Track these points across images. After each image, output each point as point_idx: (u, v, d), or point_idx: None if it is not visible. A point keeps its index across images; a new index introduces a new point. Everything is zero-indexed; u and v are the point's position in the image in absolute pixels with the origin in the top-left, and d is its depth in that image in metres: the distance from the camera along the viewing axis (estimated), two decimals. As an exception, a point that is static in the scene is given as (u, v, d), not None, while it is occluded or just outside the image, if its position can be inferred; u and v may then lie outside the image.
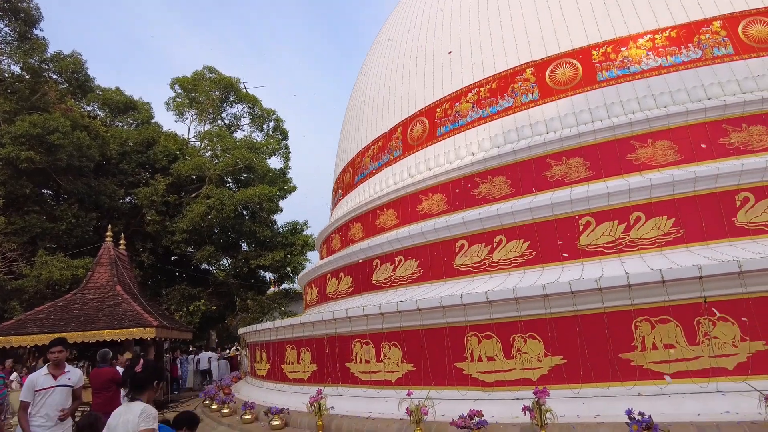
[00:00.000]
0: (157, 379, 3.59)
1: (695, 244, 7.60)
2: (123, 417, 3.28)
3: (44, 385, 5.04)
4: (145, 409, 3.30)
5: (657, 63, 9.77)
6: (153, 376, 3.50)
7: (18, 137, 15.50)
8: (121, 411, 3.40)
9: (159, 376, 3.63)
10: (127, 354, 11.83)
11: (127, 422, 3.22)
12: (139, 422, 3.22)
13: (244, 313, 26.91)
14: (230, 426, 9.56)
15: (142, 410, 3.27)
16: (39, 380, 5.06)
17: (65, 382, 5.20)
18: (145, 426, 3.22)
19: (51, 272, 15.43)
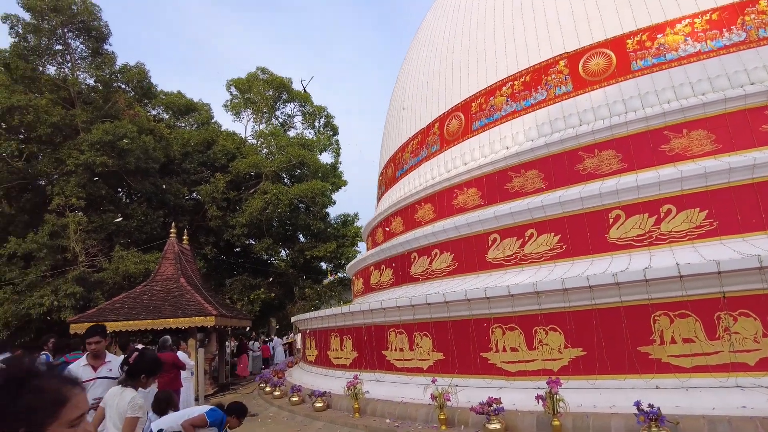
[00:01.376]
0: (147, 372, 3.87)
1: (730, 237, 7.47)
2: (117, 399, 3.72)
3: (85, 378, 4.35)
4: (134, 398, 3.69)
5: (695, 49, 9.46)
6: (140, 371, 3.84)
7: (93, 144, 17.26)
8: (116, 392, 3.82)
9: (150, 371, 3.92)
10: (191, 341, 13.08)
11: (119, 405, 3.68)
12: (127, 409, 3.63)
13: (303, 301, 28.23)
14: (280, 407, 10.45)
15: (132, 398, 3.68)
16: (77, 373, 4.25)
17: (106, 373, 4.64)
18: (131, 414, 3.61)
19: (126, 266, 17.15)
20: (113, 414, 3.72)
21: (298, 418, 9.26)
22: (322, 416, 8.80)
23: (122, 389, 3.80)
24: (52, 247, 16.61)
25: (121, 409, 3.66)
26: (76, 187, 17.52)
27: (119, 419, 3.65)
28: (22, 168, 18.28)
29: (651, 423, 5.23)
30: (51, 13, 17.89)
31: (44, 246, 16.34)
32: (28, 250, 16.43)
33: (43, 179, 19.17)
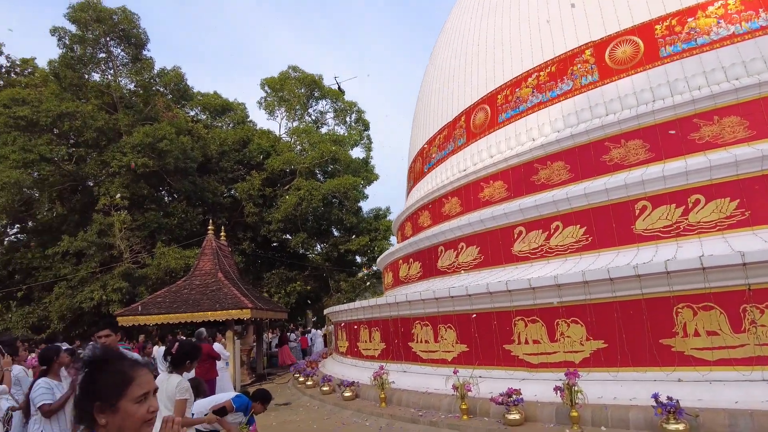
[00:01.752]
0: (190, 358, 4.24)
1: (763, 227, 7.25)
2: (165, 384, 4.03)
3: None
4: (181, 382, 4.06)
5: (729, 31, 9.14)
6: (185, 356, 4.22)
7: (135, 146, 18.19)
8: (163, 379, 4.14)
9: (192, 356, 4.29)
10: (229, 333, 13.68)
11: (167, 390, 3.99)
12: (176, 393, 3.99)
13: (338, 294, 28.78)
14: (312, 396, 10.84)
15: (179, 383, 4.04)
16: None
17: None
18: (180, 396, 3.98)
19: (168, 261, 18.03)
20: (163, 398, 4.04)
21: (328, 406, 9.61)
22: (351, 405, 9.11)
23: (168, 375, 4.16)
24: (100, 245, 17.67)
25: (169, 393, 4.00)
26: (120, 187, 18.53)
27: (169, 402, 4.00)
28: (72, 171, 19.46)
29: (669, 415, 5.23)
30: (94, 23, 18.91)
31: (93, 244, 17.41)
32: (79, 248, 17.53)
33: (90, 181, 20.33)
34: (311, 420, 8.66)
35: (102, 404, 1.49)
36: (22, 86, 22.68)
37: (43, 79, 22.39)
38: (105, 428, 1.50)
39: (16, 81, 23.84)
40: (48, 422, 3.97)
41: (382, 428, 7.54)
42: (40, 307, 18.29)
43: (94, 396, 1.49)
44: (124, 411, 1.50)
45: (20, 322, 18.45)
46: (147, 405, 1.56)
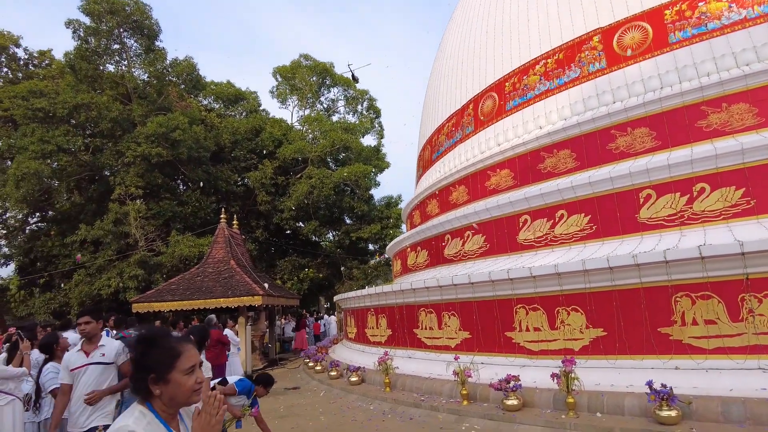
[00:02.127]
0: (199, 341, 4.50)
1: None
2: None
3: (77, 364, 4.11)
4: (204, 363, 4.36)
5: (740, 15, 8.95)
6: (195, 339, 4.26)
7: (149, 137, 18.52)
8: None
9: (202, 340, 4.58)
10: (241, 319, 14.01)
11: None
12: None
13: (350, 281, 29.08)
14: (320, 381, 11.11)
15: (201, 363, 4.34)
16: (72, 358, 4.16)
17: (98, 359, 4.18)
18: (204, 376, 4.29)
19: (182, 249, 18.43)
20: None
21: (335, 391, 9.86)
22: (356, 390, 9.34)
23: None
24: (116, 234, 18.13)
25: None
26: (135, 177, 18.92)
27: None
28: (88, 161, 19.90)
29: (662, 402, 5.31)
30: (107, 15, 19.15)
31: (109, 232, 17.87)
32: (96, 237, 18.02)
33: (107, 170, 20.78)
34: (317, 404, 8.91)
35: (156, 376, 1.66)
36: (40, 78, 23.16)
37: (60, 70, 22.82)
38: (159, 398, 1.68)
39: (34, 73, 24.34)
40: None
41: (385, 412, 7.74)
42: (61, 294, 18.90)
43: (149, 369, 1.67)
44: (175, 382, 1.67)
45: (42, 307, 19.11)
46: (194, 376, 1.72)
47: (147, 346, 1.71)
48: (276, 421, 7.75)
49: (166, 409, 1.71)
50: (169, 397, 1.68)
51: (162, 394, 1.67)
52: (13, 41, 24.18)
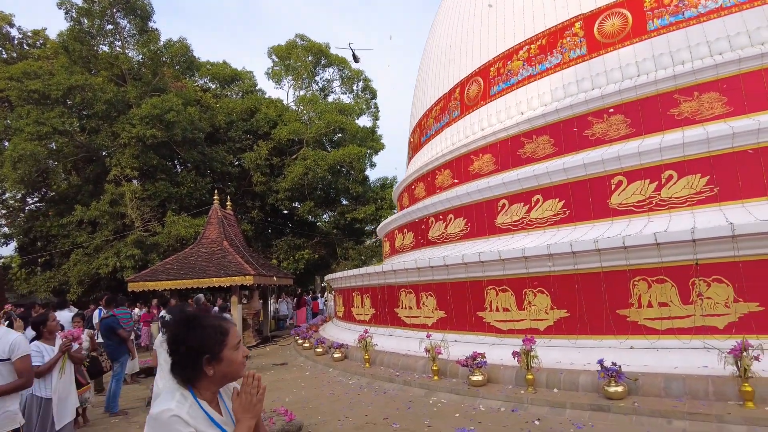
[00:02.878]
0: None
1: (730, 203, 7.48)
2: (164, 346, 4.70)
3: None
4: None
5: (717, 4, 9.07)
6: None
7: (143, 118, 18.72)
8: (162, 340, 4.75)
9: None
10: (234, 298, 14.45)
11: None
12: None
13: (345, 261, 29.53)
14: (307, 357, 11.58)
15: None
16: None
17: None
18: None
19: (178, 230, 18.81)
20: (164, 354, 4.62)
21: (319, 366, 10.32)
22: (339, 366, 9.78)
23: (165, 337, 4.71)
24: (112, 214, 18.50)
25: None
26: (130, 158, 19.19)
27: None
28: (85, 142, 20.14)
29: (610, 379, 5.68)
30: (99, -5, 19.17)
31: (106, 213, 18.23)
32: (92, 217, 18.38)
33: (103, 151, 21.03)
34: (301, 379, 9.36)
35: (210, 356, 1.63)
36: (35, 58, 23.22)
37: (54, 51, 22.85)
38: (211, 378, 1.65)
39: (29, 53, 24.38)
40: (37, 382, 4.23)
41: (362, 386, 8.17)
42: (61, 273, 19.37)
43: (203, 350, 1.62)
44: (228, 359, 1.66)
45: (43, 285, 19.62)
46: (241, 350, 1.73)
47: (193, 328, 1.65)
48: (259, 394, 8.19)
49: (213, 389, 1.69)
50: (222, 375, 1.67)
51: (215, 373, 1.64)
52: (6, 20, 24.16)
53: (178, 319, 1.72)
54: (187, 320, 1.69)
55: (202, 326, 1.66)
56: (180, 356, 1.65)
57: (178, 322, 1.71)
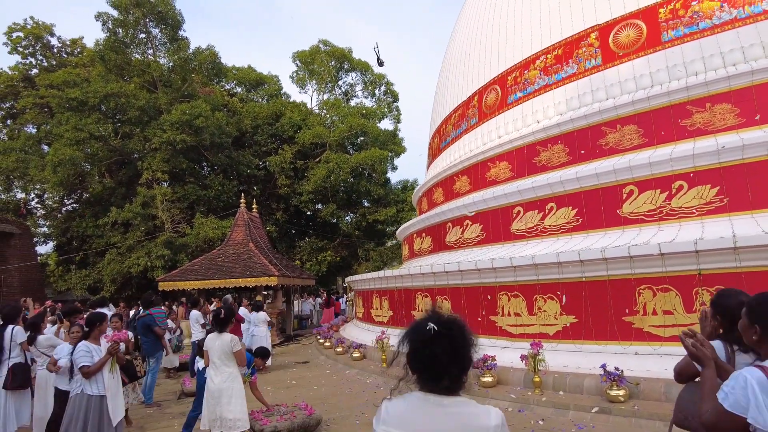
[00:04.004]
0: (232, 320, 5.41)
1: (739, 214, 7.63)
2: (218, 341, 5.12)
3: None
4: (233, 338, 5.18)
5: (731, 15, 9.17)
6: (230, 318, 5.34)
7: (174, 123, 19.59)
8: (214, 337, 5.20)
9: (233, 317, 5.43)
10: (259, 298, 15.04)
11: (222, 344, 5.09)
12: (233, 345, 5.12)
13: (367, 262, 30.04)
14: (327, 356, 12.07)
15: (232, 338, 5.16)
16: None
17: None
18: (237, 347, 5.14)
19: (206, 231, 19.61)
20: (216, 352, 5.14)
21: (339, 365, 10.79)
22: (357, 365, 10.23)
23: (218, 335, 5.21)
24: (144, 216, 19.41)
25: (225, 347, 5.10)
26: (161, 162, 20.08)
27: (224, 355, 5.11)
28: (118, 146, 21.15)
29: (612, 383, 5.97)
30: (134, 7, 20.11)
31: (138, 215, 19.15)
32: (125, 219, 19.32)
33: (135, 155, 22.03)
34: (321, 376, 9.84)
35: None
36: (73, 66, 24.42)
37: (91, 58, 24.00)
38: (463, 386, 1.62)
39: (67, 61, 25.62)
40: (87, 382, 4.63)
41: (379, 385, 8.59)
42: (95, 271, 20.39)
43: (471, 360, 1.60)
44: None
45: (78, 283, 20.69)
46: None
47: (460, 336, 1.57)
48: (282, 390, 8.70)
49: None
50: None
51: (465, 382, 1.62)
52: (47, 30, 25.46)
53: (444, 330, 1.55)
54: (453, 329, 1.58)
55: (466, 336, 1.63)
56: (453, 368, 1.57)
57: (444, 333, 1.55)
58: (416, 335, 1.58)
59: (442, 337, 1.54)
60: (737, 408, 1.75)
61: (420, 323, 1.60)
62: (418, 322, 1.63)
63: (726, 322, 2.62)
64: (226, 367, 5.12)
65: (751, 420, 1.71)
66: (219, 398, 5.02)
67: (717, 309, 2.72)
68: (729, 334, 2.58)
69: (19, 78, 24.78)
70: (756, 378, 1.74)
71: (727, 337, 2.60)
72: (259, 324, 11.25)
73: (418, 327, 1.59)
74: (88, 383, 4.65)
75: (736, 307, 2.39)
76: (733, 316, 2.45)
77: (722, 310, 2.66)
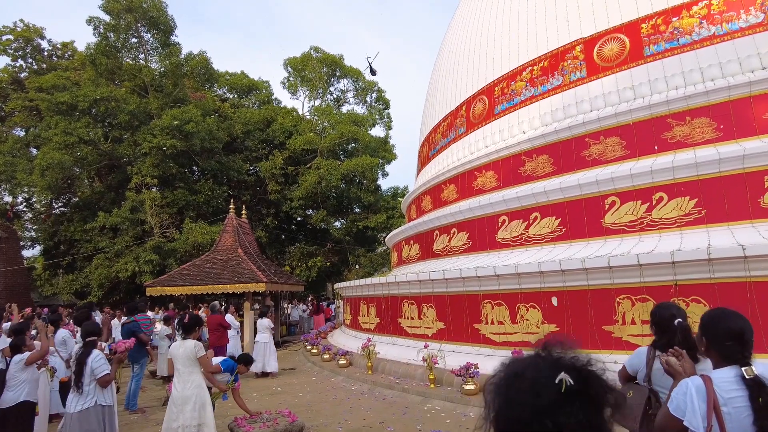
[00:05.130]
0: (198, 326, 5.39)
1: (716, 225, 7.81)
2: (181, 348, 5.15)
3: None
4: (197, 344, 5.21)
5: (710, 32, 9.42)
6: (195, 324, 5.35)
7: (164, 128, 19.58)
8: (178, 344, 5.21)
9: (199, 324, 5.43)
10: (246, 304, 15.05)
11: (186, 350, 5.12)
12: (197, 351, 5.16)
13: (357, 268, 30.09)
14: (314, 363, 12.10)
15: (195, 344, 5.20)
16: None
17: None
18: (201, 353, 5.17)
19: (195, 237, 19.57)
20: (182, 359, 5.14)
21: (325, 372, 10.83)
22: (343, 372, 10.28)
23: (182, 342, 5.23)
24: (132, 221, 19.34)
25: (188, 353, 5.10)
26: (150, 166, 20.05)
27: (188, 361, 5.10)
28: (108, 150, 21.09)
29: (591, 390, 6.08)
30: (126, 12, 20.14)
31: (126, 219, 19.08)
32: (114, 223, 19.24)
33: (125, 160, 21.97)
34: (307, 383, 9.88)
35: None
36: (63, 69, 24.35)
37: (82, 62, 23.95)
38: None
39: (58, 64, 25.54)
40: (102, 391, 4.57)
41: (364, 392, 8.66)
42: (83, 276, 20.25)
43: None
44: None
45: (65, 288, 20.53)
46: None
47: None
48: (267, 397, 8.74)
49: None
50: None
51: None
52: (38, 33, 25.38)
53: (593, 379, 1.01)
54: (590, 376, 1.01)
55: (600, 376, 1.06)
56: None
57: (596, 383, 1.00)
58: (532, 392, 0.92)
59: (578, 397, 0.90)
60: (678, 412, 1.89)
61: (537, 368, 0.97)
62: (530, 363, 1.00)
63: (658, 331, 2.88)
64: (189, 374, 5.10)
65: (687, 423, 1.84)
66: (182, 406, 4.98)
67: (652, 318, 2.95)
68: (657, 340, 2.86)
69: (8, 80, 24.68)
70: (695, 385, 1.89)
71: (654, 342, 2.88)
72: (262, 330, 11.28)
73: (536, 377, 0.94)
74: (101, 393, 4.61)
75: (668, 318, 2.74)
76: (662, 325, 2.78)
77: (655, 319, 2.89)
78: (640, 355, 2.96)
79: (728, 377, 1.93)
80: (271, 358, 11.12)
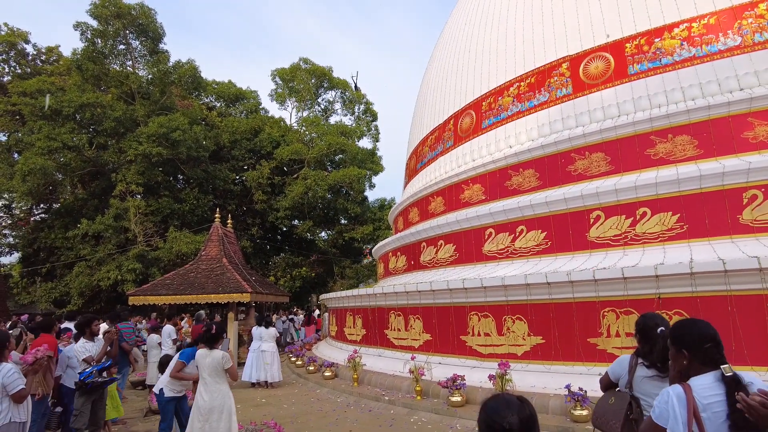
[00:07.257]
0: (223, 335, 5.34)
1: (698, 240, 8.00)
2: (208, 358, 5.07)
3: None
4: (225, 354, 5.13)
5: (690, 53, 9.72)
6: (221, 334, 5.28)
7: (150, 136, 19.41)
8: (204, 354, 5.12)
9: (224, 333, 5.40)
10: (230, 314, 14.87)
11: (213, 361, 5.04)
12: (224, 362, 5.07)
13: (342, 279, 29.94)
14: (299, 375, 11.97)
15: (224, 355, 5.10)
16: None
17: None
18: (229, 364, 5.09)
19: (179, 246, 19.33)
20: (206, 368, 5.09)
21: (310, 384, 10.72)
22: (329, 384, 10.19)
23: (209, 351, 5.15)
24: (116, 228, 19.05)
25: (215, 363, 5.06)
26: (135, 174, 19.81)
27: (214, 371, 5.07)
28: (92, 157, 20.80)
29: (576, 403, 6.14)
30: (114, 19, 20.04)
31: (110, 227, 18.78)
32: (97, 231, 18.92)
33: (109, 167, 21.69)
34: (292, 395, 9.77)
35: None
36: (48, 74, 24.05)
37: (67, 67, 23.69)
38: None
39: (42, 69, 25.22)
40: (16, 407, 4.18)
41: (350, 404, 8.59)
42: (62, 284, 19.82)
43: None
44: None
45: (44, 296, 20.05)
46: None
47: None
48: (251, 409, 8.61)
49: None
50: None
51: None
52: (22, 37, 25.06)
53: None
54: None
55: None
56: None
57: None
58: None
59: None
60: (661, 420, 1.96)
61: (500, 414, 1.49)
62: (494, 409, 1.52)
63: (642, 339, 2.97)
64: (216, 383, 5.09)
65: (670, 430, 1.90)
66: (208, 416, 4.98)
67: (636, 327, 3.04)
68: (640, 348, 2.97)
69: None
70: (676, 393, 1.95)
71: (637, 350, 3.00)
72: (268, 339, 11.12)
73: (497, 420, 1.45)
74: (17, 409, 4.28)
75: (652, 327, 2.84)
76: (646, 333, 2.89)
77: (640, 327, 2.98)
78: (622, 363, 3.05)
79: (707, 383, 2.00)
80: (276, 367, 10.93)
